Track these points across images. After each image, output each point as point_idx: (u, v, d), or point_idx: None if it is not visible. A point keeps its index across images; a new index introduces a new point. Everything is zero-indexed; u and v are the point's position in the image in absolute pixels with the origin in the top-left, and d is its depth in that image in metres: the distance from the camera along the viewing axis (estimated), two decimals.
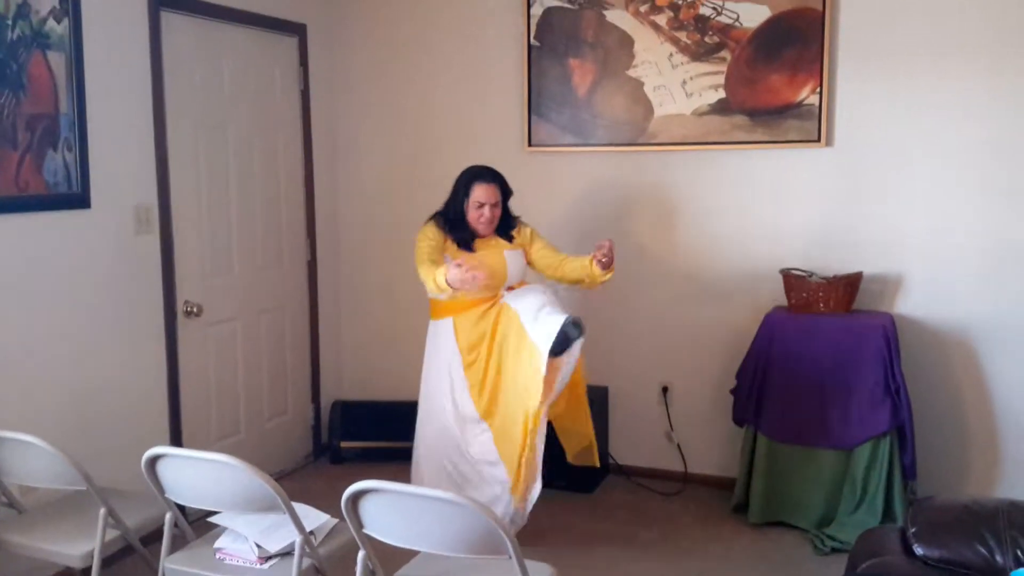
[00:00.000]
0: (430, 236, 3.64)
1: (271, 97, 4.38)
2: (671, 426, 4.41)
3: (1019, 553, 2.37)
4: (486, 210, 3.61)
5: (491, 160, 4.54)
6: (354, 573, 2.46)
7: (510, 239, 3.72)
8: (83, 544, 2.73)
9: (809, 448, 3.79)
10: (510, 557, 2.19)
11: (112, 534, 2.75)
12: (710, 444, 4.36)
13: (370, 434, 4.71)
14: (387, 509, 2.25)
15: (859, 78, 3.90)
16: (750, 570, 3.53)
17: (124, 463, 3.10)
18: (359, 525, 2.33)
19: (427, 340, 3.83)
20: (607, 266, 3.55)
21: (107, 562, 2.85)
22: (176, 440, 3.84)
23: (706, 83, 4.14)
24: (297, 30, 4.50)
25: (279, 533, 2.64)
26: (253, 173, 4.27)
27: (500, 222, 3.69)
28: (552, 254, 3.74)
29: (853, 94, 3.92)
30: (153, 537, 2.88)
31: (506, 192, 3.68)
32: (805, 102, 3.98)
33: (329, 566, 2.64)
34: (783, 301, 4.05)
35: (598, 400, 4.34)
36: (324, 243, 4.79)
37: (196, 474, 2.52)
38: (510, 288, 3.68)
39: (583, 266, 3.63)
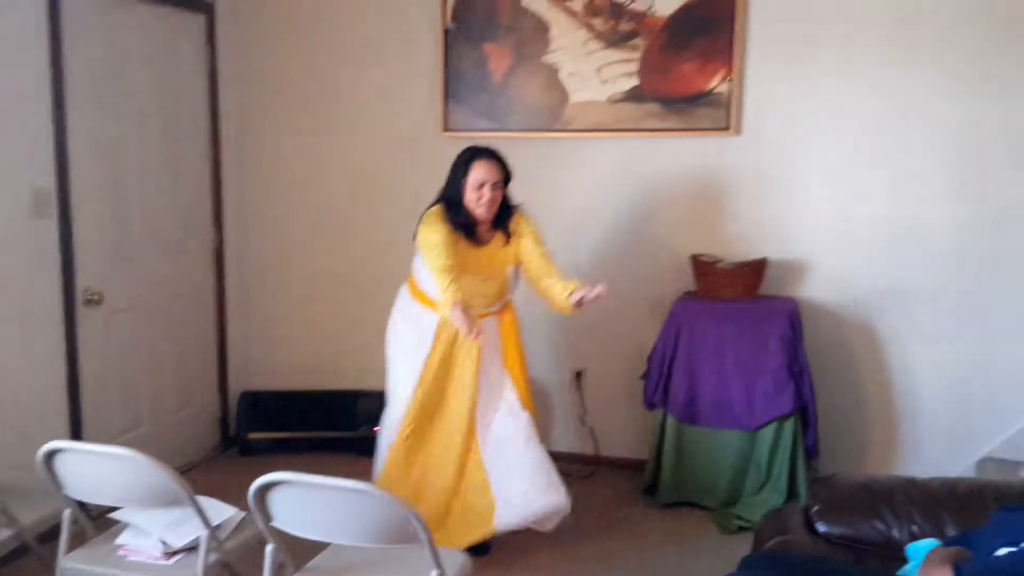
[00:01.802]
0: (440, 233, 3.35)
1: (177, 77, 4.23)
2: (584, 410, 4.45)
3: (914, 528, 2.48)
4: (486, 190, 3.37)
5: (407, 145, 4.52)
6: (262, 567, 2.42)
7: (507, 235, 3.51)
8: None
9: (715, 430, 3.88)
10: (423, 546, 2.17)
11: (5, 533, 2.64)
12: (622, 427, 4.42)
13: (279, 424, 4.62)
14: (296, 501, 2.21)
15: (768, 66, 3.99)
16: (659, 549, 3.60)
17: (19, 459, 2.96)
18: (267, 518, 2.28)
19: (399, 317, 3.62)
20: (580, 305, 3.41)
21: (0, 563, 2.73)
22: (76, 434, 3.70)
23: (620, 70, 4.17)
24: (204, 8, 4.36)
25: (184, 528, 2.57)
26: (157, 155, 4.12)
27: (498, 211, 3.47)
28: (541, 266, 3.49)
29: (762, 82, 4.01)
30: (51, 535, 2.78)
31: (507, 175, 3.46)
32: (715, 90, 4.05)
33: (237, 560, 2.58)
34: (692, 287, 4.12)
35: None
36: (231, 229, 4.66)
37: (96, 469, 2.43)
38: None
39: (559, 295, 3.41)
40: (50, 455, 2.44)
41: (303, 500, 2.20)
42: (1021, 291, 3.81)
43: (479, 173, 3.39)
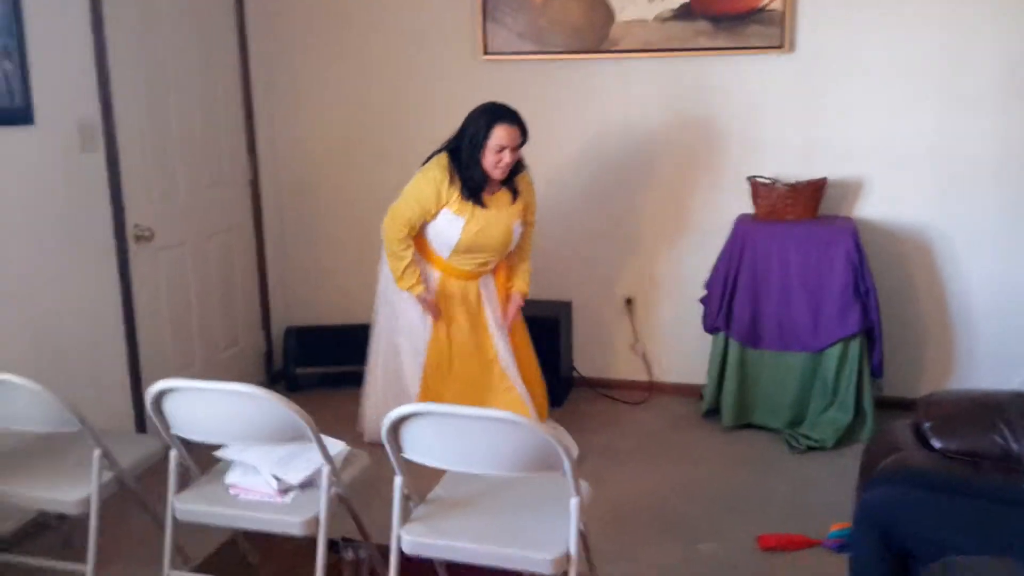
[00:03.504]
0: (432, 194, 3.36)
1: (207, 5, 4.04)
2: (636, 337, 4.43)
3: None
4: (506, 155, 3.30)
5: (443, 71, 4.38)
6: (370, 499, 2.37)
7: (515, 192, 3.49)
8: (77, 489, 2.53)
9: (779, 352, 3.87)
10: (565, 474, 2.14)
11: (106, 475, 2.57)
12: (673, 353, 4.41)
13: (325, 359, 4.56)
14: (433, 432, 2.15)
15: None
16: (733, 471, 3.62)
17: (84, 398, 2.86)
18: (398, 449, 2.23)
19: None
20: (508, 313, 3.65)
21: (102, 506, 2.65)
22: (135, 373, 3.61)
23: None
24: None
25: (295, 463, 2.52)
26: (192, 88, 3.96)
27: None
28: (521, 245, 3.63)
29: None
30: (143, 477, 2.72)
31: (526, 136, 3.37)
32: (768, 7, 3.94)
33: (352, 493, 2.54)
34: (747, 209, 4.08)
35: (562, 314, 4.31)
36: (266, 163, 4.52)
37: (210, 407, 2.35)
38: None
39: (511, 279, 3.67)
40: (160, 395, 2.35)
41: (441, 431, 2.14)
42: None
43: (502, 138, 3.30)
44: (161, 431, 2.44)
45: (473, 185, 3.36)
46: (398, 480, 2.30)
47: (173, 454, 2.49)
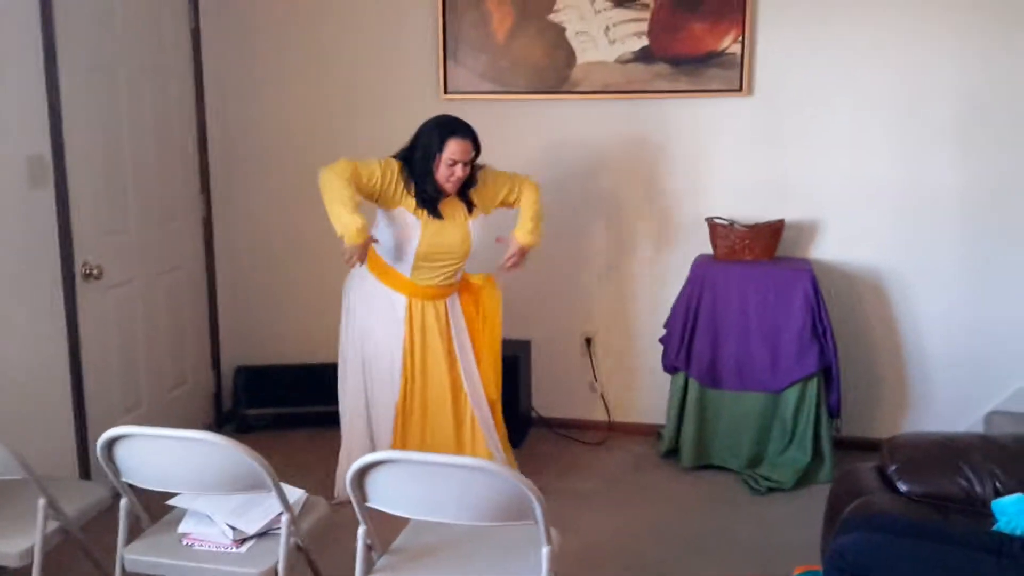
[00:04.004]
0: (382, 173, 3.31)
1: (161, 37, 3.96)
2: (595, 377, 4.40)
3: (997, 485, 2.50)
4: (458, 168, 3.29)
5: (405, 109, 4.33)
6: (329, 548, 2.29)
7: (469, 204, 3.45)
8: (19, 540, 2.40)
9: (739, 392, 3.88)
10: (537, 523, 2.09)
11: (52, 526, 2.44)
12: (631, 392, 4.39)
13: (277, 400, 4.45)
14: (403, 480, 2.09)
15: (780, 25, 3.95)
16: (696, 512, 3.59)
17: (26, 441, 2.74)
18: (363, 498, 2.16)
19: (352, 297, 3.55)
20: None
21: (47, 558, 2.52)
22: (80, 415, 3.47)
23: (629, 30, 4.08)
24: None
25: (251, 512, 2.43)
26: (144, 122, 3.86)
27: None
28: (510, 191, 3.55)
29: (774, 42, 3.97)
30: (88, 526, 2.60)
31: (478, 149, 3.36)
32: (727, 51, 4.00)
33: (310, 542, 2.45)
34: (706, 250, 4.10)
35: (521, 354, 4.27)
36: (219, 198, 4.43)
37: (164, 455, 2.25)
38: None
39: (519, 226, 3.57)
40: (111, 441, 2.25)
41: (411, 479, 2.07)
42: (1022, 252, 3.90)
43: (455, 152, 3.29)
44: (112, 479, 2.33)
45: (427, 197, 3.34)
46: (362, 530, 2.22)
47: (123, 503, 2.38)
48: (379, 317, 3.49)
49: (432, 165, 3.31)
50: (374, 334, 3.50)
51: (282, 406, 4.43)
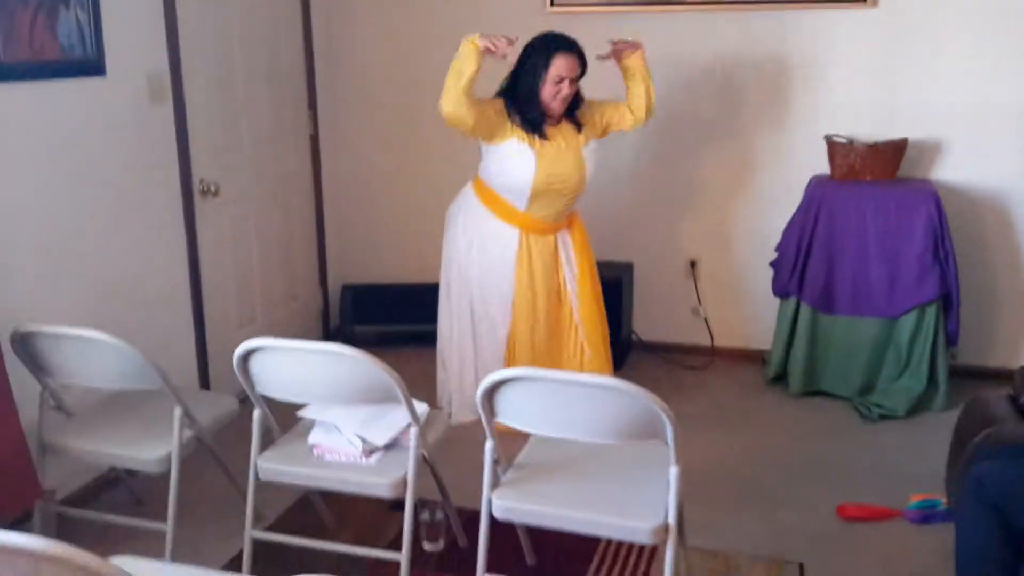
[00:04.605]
0: (490, 103, 3.28)
1: None
2: (699, 300, 4.34)
3: None
4: (565, 85, 3.22)
5: (506, 24, 4.22)
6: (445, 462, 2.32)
7: (578, 125, 3.38)
8: (156, 447, 2.50)
9: (854, 318, 3.77)
10: (665, 442, 2.08)
11: (187, 434, 2.54)
12: (735, 317, 4.32)
13: (382, 318, 4.52)
14: (535, 397, 2.09)
15: None
16: (805, 439, 3.54)
17: (151, 354, 2.82)
18: (492, 414, 2.18)
19: (471, 228, 3.49)
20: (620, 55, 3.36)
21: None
22: (200, 330, 3.58)
23: None
24: None
25: (378, 424, 2.47)
26: (256, 45, 3.88)
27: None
28: (614, 109, 3.47)
29: None
30: (218, 436, 2.70)
31: (585, 65, 3.28)
32: None
33: (435, 454, 2.50)
34: (821, 170, 3.96)
35: (624, 276, 4.23)
36: (326, 119, 4.44)
37: (298, 367, 2.31)
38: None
39: (630, 94, 3.45)
40: (246, 354, 2.31)
41: (544, 396, 2.08)
42: None
43: (561, 68, 3.22)
44: (247, 390, 2.40)
45: (532, 119, 3.28)
46: (490, 444, 2.24)
47: (257, 413, 2.45)
48: (489, 251, 3.46)
49: (538, 85, 3.24)
50: (483, 268, 3.47)
51: (387, 324, 4.50)
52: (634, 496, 2.20)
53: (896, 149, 3.77)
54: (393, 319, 4.51)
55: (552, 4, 4.17)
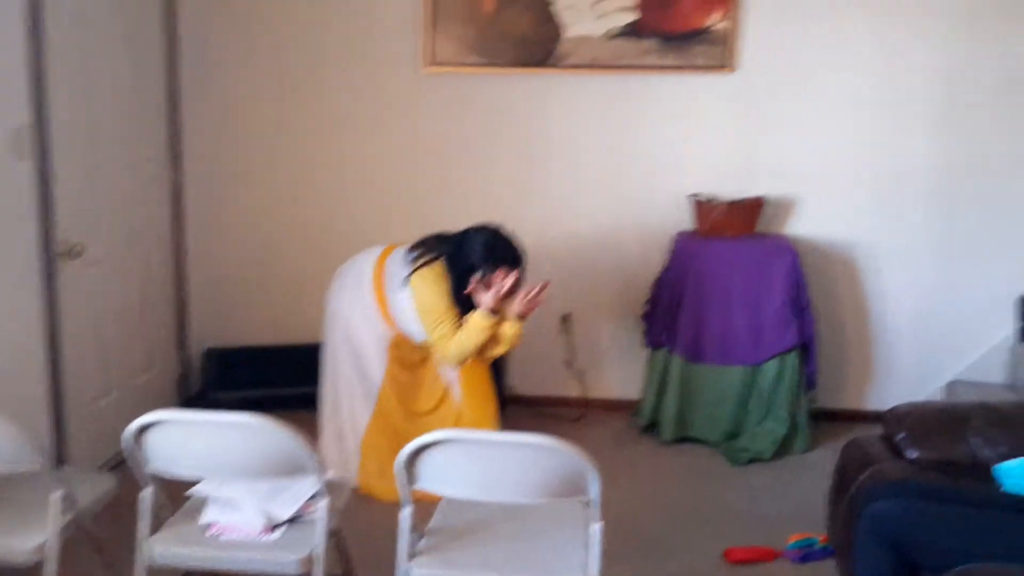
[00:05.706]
0: (445, 297, 3.31)
1: (137, 8, 3.81)
2: (573, 354, 4.42)
3: (1001, 449, 2.62)
4: (491, 292, 3.30)
5: (382, 81, 4.23)
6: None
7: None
8: (29, 536, 2.27)
9: (720, 366, 3.95)
10: (589, 499, 2.09)
11: (66, 517, 2.32)
12: (608, 368, 4.43)
13: (248, 382, 4.31)
14: (456, 460, 2.06)
15: (765, 5, 4.01)
16: (683, 485, 3.66)
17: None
18: (412, 480, 2.12)
19: (346, 297, 3.50)
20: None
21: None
22: (58, 403, 3.30)
23: (617, 4, 4.06)
24: None
25: (283, 496, 2.37)
26: (122, 98, 3.71)
27: None
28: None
29: (759, 21, 4.03)
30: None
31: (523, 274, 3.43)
32: (713, 28, 4.03)
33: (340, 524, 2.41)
34: (685, 226, 4.15)
35: None
36: (191, 176, 4.27)
37: (201, 440, 2.17)
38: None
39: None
40: (143, 428, 2.16)
41: (469, 459, 2.05)
42: (988, 229, 4.09)
43: (499, 278, 3.31)
44: (138, 467, 2.23)
45: (464, 304, 3.33)
46: (407, 511, 2.18)
47: (148, 492, 2.28)
48: (368, 332, 3.47)
49: (467, 278, 3.30)
50: (361, 338, 3.48)
51: (253, 388, 4.30)
52: (554, 556, 2.20)
53: (754, 206, 4.01)
54: (261, 383, 4.32)
55: (431, 63, 4.19)
